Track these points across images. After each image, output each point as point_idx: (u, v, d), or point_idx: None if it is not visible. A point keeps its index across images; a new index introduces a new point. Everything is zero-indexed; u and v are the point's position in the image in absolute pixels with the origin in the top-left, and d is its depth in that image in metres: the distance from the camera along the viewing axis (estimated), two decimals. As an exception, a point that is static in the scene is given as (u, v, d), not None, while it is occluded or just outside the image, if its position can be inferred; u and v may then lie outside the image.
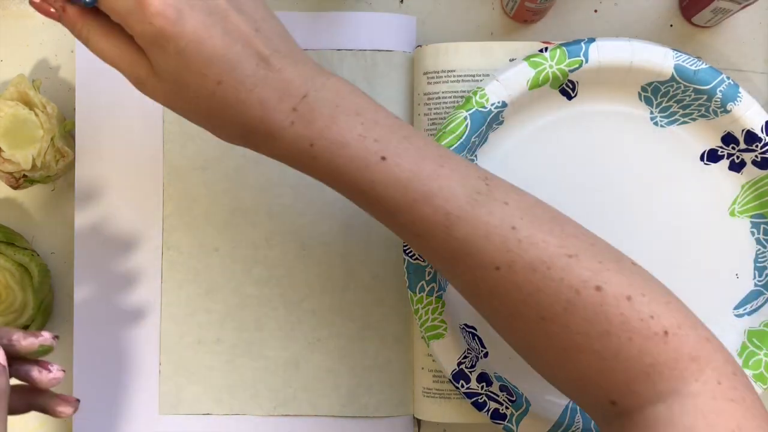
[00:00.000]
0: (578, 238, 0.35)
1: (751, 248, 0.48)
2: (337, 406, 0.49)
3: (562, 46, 0.45)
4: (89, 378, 0.49)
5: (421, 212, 0.34)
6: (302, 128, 0.34)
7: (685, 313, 0.34)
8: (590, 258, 0.34)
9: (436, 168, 0.35)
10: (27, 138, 0.46)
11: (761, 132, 0.46)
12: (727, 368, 0.33)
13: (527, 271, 0.34)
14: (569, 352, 0.34)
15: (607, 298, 0.33)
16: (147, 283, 0.50)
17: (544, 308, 0.34)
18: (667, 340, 0.33)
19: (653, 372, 0.33)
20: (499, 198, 0.35)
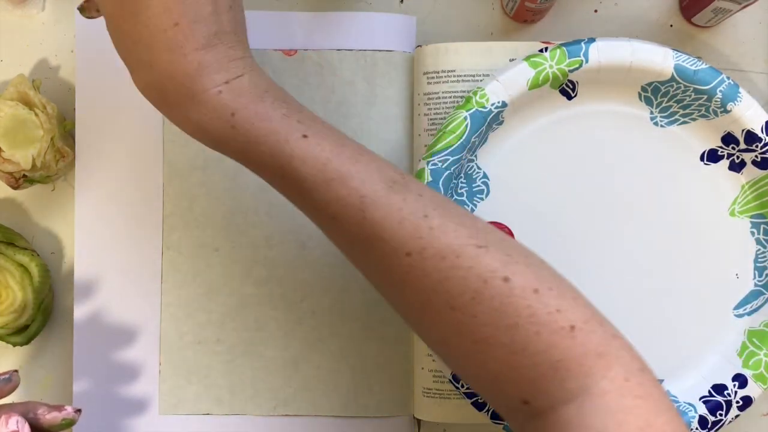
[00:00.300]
0: (489, 233, 0.35)
1: (751, 248, 0.48)
2: (337, 406, 0.49)
3: (562, 46, 0.45)
4: (89, 378, 0.49)
5: (336, 192, 0.35)
6: (228, 99, 0.35)
7: (592, 310, 0.34)
8: (499, 250, 0.34)
9: (355, 155, 0.35)
10: (27, 138, 0.46)
11: (761, 132, 0.46)
12: (633, 365, 0.34)
13: (437, 258, 0.34)
14: (479, 345, 0.34)
15: (514, 289, 0.33)
16: (147, 283, 0.50)
17: (453, 297, 0.34)
18: (574, 335, 0.33)
19: (561, 368, 0.33)
20: (414, 190, 0.35)
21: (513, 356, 0.33)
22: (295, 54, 0.50)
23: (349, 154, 0.35)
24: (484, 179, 0.48)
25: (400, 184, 0.35)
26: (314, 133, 0.35)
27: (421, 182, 0.37)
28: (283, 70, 0.50)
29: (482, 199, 0.48)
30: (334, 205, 0.35)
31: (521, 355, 0.33)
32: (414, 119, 0.50)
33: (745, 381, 0.46)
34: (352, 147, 0.36)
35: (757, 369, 0.46)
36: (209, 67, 0.35)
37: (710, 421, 0.46)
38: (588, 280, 0.47)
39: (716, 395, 0.46)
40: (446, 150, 0.45)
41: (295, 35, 0.50)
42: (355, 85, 0.50)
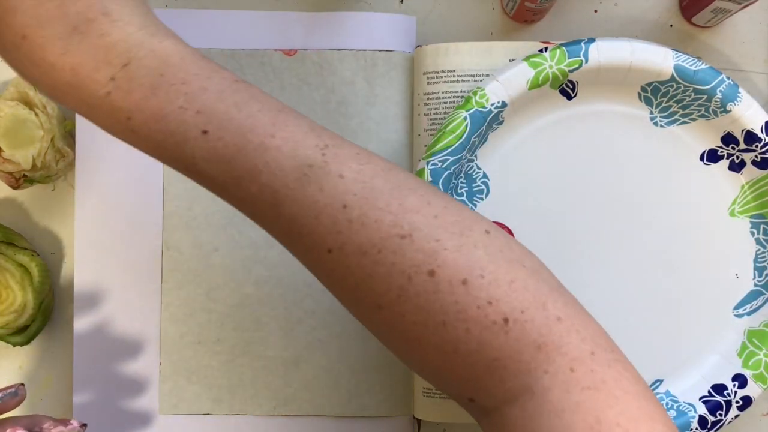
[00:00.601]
0: (419, 212, 0.31)
1: (750, 248, 0.48)
2: (337, 406, 0.50)
3: (561, 46, 0.45)
4: (89, 378, 0.49)
5: (248, 190, 0.31)
6: (119, 99, 0.31)
7: (534, 291, 0.31)
8: (426, 237, 0.31)
9: (264, 139, 0.31)
10: (27, 138, 0.46)
11: (761, 132, 0.46)
12: (582, 348, 0.30)
13: (358, 254, 0.31)
14: (411, 344, 0.32)
15: (440, 284, 0.30)
16: (147, 283, 0.50)
17: (379, 295, 0.31)
18: (508, 329, 0.30)
19: (498, 367, 0.30)
20: (334, 170, 0.31)
21: (446, 356, 0.31)
22: (295, 54, 0.50)
23: (256, 142, 0.31)
24: (484, 179, 0.48)
25: (317, 168, 0.31)
26: (215, 124, 0.31)
27: (350, 148, 0.33)
28: (283, 70, 0.50)
29: (482, 199, 0.48)
30: (248, 202, 0.32)
31: (453, 356, 0.31)
32: (414, 119, 0.50)
33: (744, 381, 0.46)
34: (263, 125, 0.31)
35: (756, 369, 0.46)
36: (83, 68, 0.31)
37: (710, 421, 0.46)
38: (587, 280, 0.48)
39: (716, 395, 0.46)
40: (446, 150, 0.45)
41: (295, 35, 0.50)
42: (355, 85, 0.50)
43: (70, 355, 0.50)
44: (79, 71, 0.31)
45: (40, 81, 0.32)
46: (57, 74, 0.31)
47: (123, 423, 0.50)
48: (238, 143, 0.31)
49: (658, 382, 0.48)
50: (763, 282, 0.47)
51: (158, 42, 0.32)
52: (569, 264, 0.37)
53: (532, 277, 0.31)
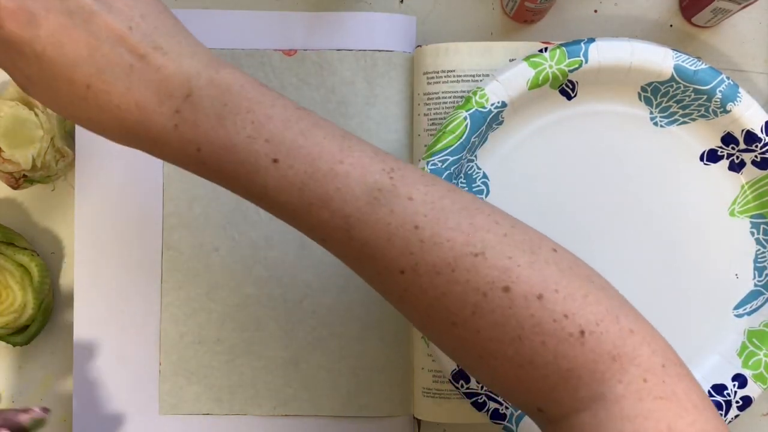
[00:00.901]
0: (489, 231, 0.32)
1: (750, 248, 0.48)
2: (337, 406, 0.49)
3: (561, 47, 0.45)
4: (89, 378, 0.49)
5: (319, 217, 0.32)
6: (187, 131, 0.32)
7: (607, 305, 0.32)
8: (499, 254, 0.31)
9: (334, 165, 0.32)
10: (27, 138, 0.46)
11: (761, 132, 0.46)
12: (654, 361, 0.31)
13: (432, 274, 0.31)
14: (484, 359, 0.32)
15: (516, 299, 0.31)
16: (147, 283, 0.50)
17: (453, 313, 0.32)
18: (584, 340, 0.31)
19: (572, 377, 0.31)
20: (403, 193, 0.32)
21: (520, 369, 0.32)
22: (295, 54, 0.50)
23: (326, 169, 0.32)
24: (483, 179, 0.48)
25: (387, 192, 0.32)
26: (285, 153, 0.32)
27: (415, 172, 0.34)
28: (283, 70, 0.50)
29: (482, 199, 0.48)
30: (320, 228, 0.33)
31: (528, 368, 0.31)
32: (414, 119, 0.50)
33: (744, 381, 0.46)
34: (330, 152, 0.32)
35: (756, 369, 0.46)
36: (148, 103, 0.32)
37: (710, 421, 0.46)
38: (588, 280, 0.47)
39: (716, 395, 0.46)
40: (446, 150, 0.45)
41: (295, 35, 0.50)
42: (355, 85, 0.50)
43: (70, 355, 0.50)
44: (144, 107, 0.32)
45: (109, 127, 0.33)
46: (124, 114, 0.32)
47: (123, 423, 0.50)
48: (308, 171, 0.32)
49: (658, 382, 0.47)
50: (763, 282, 0.47)
51: (215, 72, 0.32)
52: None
53: (602, 291, 0.32)
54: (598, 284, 0.33)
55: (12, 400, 0.51)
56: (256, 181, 0.32)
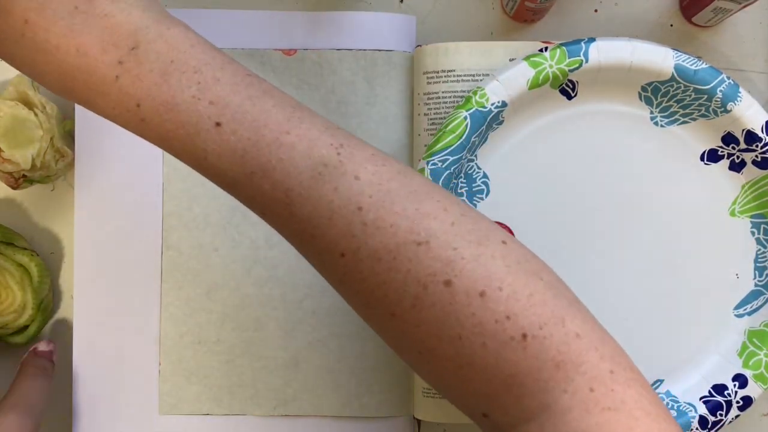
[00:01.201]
0: (436, 219, 0.30)
1: (751, 248, 0.48)
2: (337, 406, 0.49)
3: (562, 46, 0.45)
4: (89, 378, 0.49)
5: (260, 187, 0.30)
6: (128, 85, 0.30)
7: (552, 306, 0.30)
8: (443, 244, 0.29)
9: (279, 135, 0.30)
10: (26, 138, 0.46)
11: (761, 132, 0.46)
12: (601, 367, 0.29)
13: (372, 260, 0.29)
14: (424, 356, 0.30)
15: (457, 295, 0.29)
16: (147, 283, 0.50)
17: (393, 303, 0.30)
18: (526, 344, 0.29)
19: (515, 384, 0.29)
20: (350, 171, 0.30)
21: (461, 370, 0.30)
22: (295, 54, 0.50)
23: (271, 137, 0.30)
24: (484, 179, 0.48)
25: (333, 167, 0.30)
26: (229, 117, 0.30)
27: (366, 149, 0.32)
28: (283, 70, 0.50)
29: (482, 198, 0.48)
30: (260, 199, 0.31)
31: (468, 370, 0.29)
32: (414, 119, 0.50)
33: (745, 381, 0.46)
34: (278, 122, 0.30)
35: (757, 369, 0.46)
36: (90, 49, 0.30)
37: (710, 421, 0.46)
38: (587, 280, 0.47)
39: (716, 395, 0.46)
40: (446, 150, 0.45)
41: (295, 35, 0.50)
42: (355, 85, 0.50)
43: (69, 356, 0.50)
44: (85, 53, 0.30)
45: (46, 70, 0.31)
46: (62, 57, 0.30)
47: (123, 423, 0.50)
48: (252, 138, 0.30)
49: (659, 382, 0.47)
50: (764, 282, 0.47)
51: (166, 28, 0.31)
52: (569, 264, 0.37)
53: (550, 290, 0.30)
54: (546, 282, 0.30)
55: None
56: (197, 144, 0.30)
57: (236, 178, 0.31)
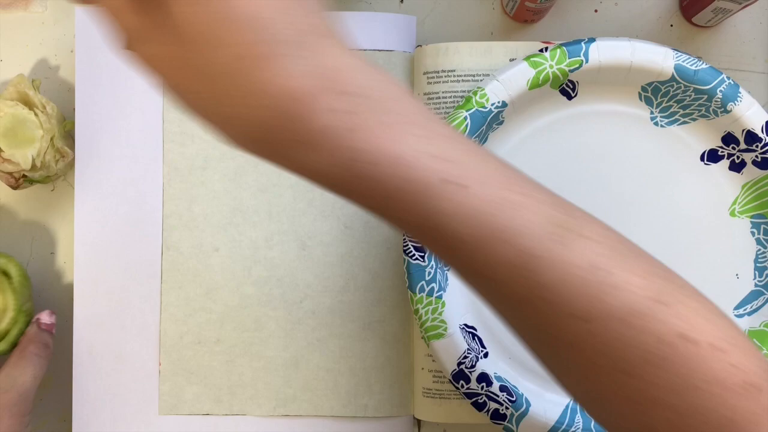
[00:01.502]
0: (660, 276, 0.30)
1: (751, 248, 0.48)
2: (337, 406, 0.49)
3: (562, 46, 0.45)
4: (89, 378, 0.49)
5: (496, 253, 0.28)
6: (343, 134, 0.26)
7: (759, 357, 0.31)
8: (675, 301, 0.30)
9: (513, 196, 0.28)
10: (26, 138, 0.46)
11: (761, 132, 0.46)
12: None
13: (610, 319, 0.29)
14: (642, 406, 0.30)
15: (692, 347, 0.29)
16: (147, 283, 0.50)
17: (625, 360, 0.30)
18: (760, 395, 0.29)
19: (732, 426, 0.29)
20: (584, 231, 0.30)
21: (679, 418, 0.30)
22: (295, 54, 0.50)
23: (513, 198, 0.28)
24: (484, 179, 0.48)
25: (567, 229, 0.29)
26: (460, 173, 0.27)
27: (585, 213, 0.31)
28: (283, 70, 0.50)
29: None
30: (493, 266, 0.29)
31: (689, 417, 0.29)
32: (414, 119, 0.50)
33: (745, 381, 0.46)
34: (509, 182, 0.28)
35: (757, 369, 0.46)
36: (304, 93, 0.25)
37: (710, 421, 0.46)
38: (588, 280, 0.47)
39: (716, 395, 0.46)
40: (446, 150, 0.45)
41: (295, 35, 0.50)
42: (355, 85, 0.50)
43: (69, 356, 0.50)
44: (298, 96, 0.25)
45: (245, 111, 0.26)
46: (272, 100, 0.26)
47: (122, 423, 0.50)
48: (487, 198, 0.28)
49: (659, 382, 0.47)
50: (764, 282, 0.47)
51: (377, 72, 0.27)
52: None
53: (750, 341, 0.32)
54: (746, 336, 0.32)
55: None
56: (423, 203, 0.27)
57: (463, 240, 0.28)
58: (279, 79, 0.25)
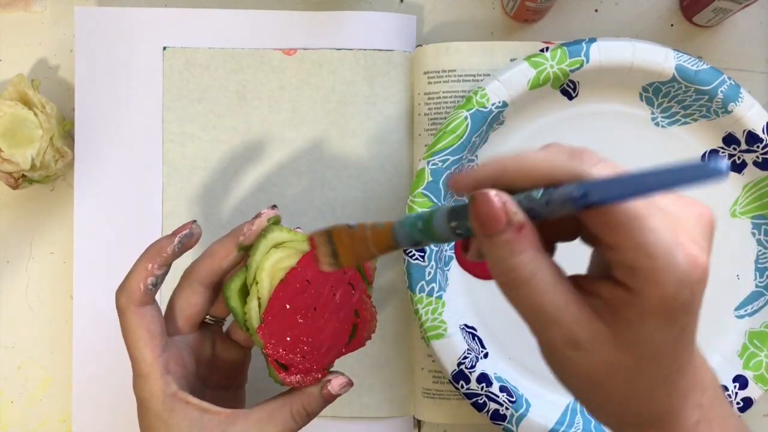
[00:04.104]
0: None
1: (752, 249, 0.48)
2: (338, 406, 0.49)
3: (562, 46, 0.45)
4: (89, 378, 0.49)
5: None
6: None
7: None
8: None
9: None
10: (26, 138, 0.46)
11: (762, 133, 0.46)
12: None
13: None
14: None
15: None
16: (146, 284, 0.50)
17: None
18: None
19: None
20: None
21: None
22: (295, 53, 0.50)
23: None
24: (484, 179, 0.48)
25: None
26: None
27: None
28: (283, 69, 0.50)
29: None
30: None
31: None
32: (414, 119, 0.50)
33: (745, 382, 0.46)
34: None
35: (757, 370, 0.46)
36: (687, 392, 0.28)
37: (711, 421, 0.46)
38: (588, 281, 0.47)
39: (717, 396, 0.46)
40: (447, 150, 0.45)
41: (295, 35, 0.50)
42: (355, 85, 0.50)
43: (69, 356, 0.50)
44: (680, 396, 0.29)
45: (636, 413, 0.29)
46: (661, 400, 0.28)
47: (122, 423, 0.50)
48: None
49: (659, 382, 0.47)
50: (765, 283, 0.47)
51: (708, 370, 0.31)
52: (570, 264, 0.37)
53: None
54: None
55: (11, 400, 0.50)
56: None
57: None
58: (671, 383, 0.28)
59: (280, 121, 0.50)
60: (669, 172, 0.22)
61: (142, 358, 0.36)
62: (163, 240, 0.38)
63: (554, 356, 0.28)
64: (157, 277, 0.37)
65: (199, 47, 0.50)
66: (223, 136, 0.50)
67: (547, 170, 0.27)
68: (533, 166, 0.27)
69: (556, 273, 0.27)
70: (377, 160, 0.49)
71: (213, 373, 0.40)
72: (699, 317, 0.28)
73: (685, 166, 0.22)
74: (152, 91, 0.50)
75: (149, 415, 0.36)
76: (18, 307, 0.51)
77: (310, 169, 0.50)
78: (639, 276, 0.26)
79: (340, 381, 0.37)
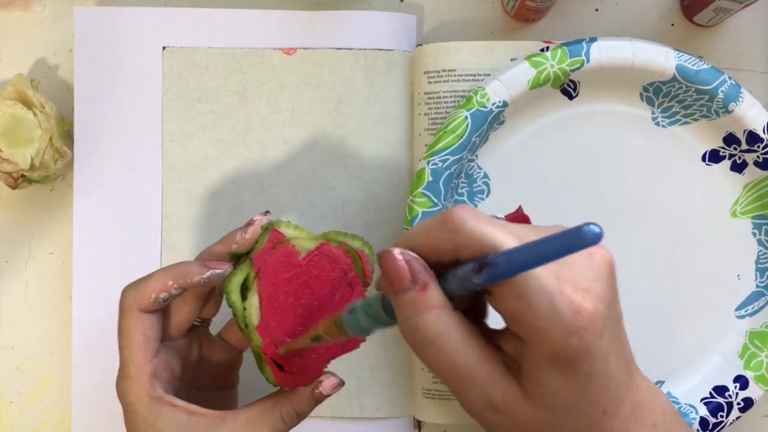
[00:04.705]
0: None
1: (752, 249, 0.48)
2: (337, 406, 0.49)
3: (563, 46, 0.45)
4: (89, 378, 0.49)
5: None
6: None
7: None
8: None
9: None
10: (25, 138, 0.46)
11: (763, 132, 0.46)
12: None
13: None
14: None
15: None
16: (146, 284, 0.50)
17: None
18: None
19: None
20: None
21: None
22: (295, 53, 0.50)
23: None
24: (484, 179, 0.48)
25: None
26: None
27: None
28: (282, 69, 0.50)
29: (483, 198, 0.48)
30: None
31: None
32: (414, 119, 0.50)
33: (746, 382, 0.46)
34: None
35: (758, 370, 0.46)
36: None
37: (711, 422, 0.46)
38: (589, 281, 0.47)
39: (717, 396, 0.46)
40: (447, 150, 0.45)
41: (294, 35, 0.50)
42: (355, 85, 0.50)
43: (69, 356, 0.50)
44: None
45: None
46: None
47: (122, 423, 0.49)
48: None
49: (660, 383, 0.47)
50: (765, 283, 0.47)
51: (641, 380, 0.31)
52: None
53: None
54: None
55: (11, 400, 0.50)
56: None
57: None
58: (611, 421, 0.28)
59: (280, 120, 0.50)
60: (545, 243, 0.22)
61: (132, 360, 0.35)
62: (195, 267, 0.37)
63: (478, 418, 0.28)
64: (171, 295, 0.36)
65: (198, 47, 0.50)
66: (223, 135, 0.50)
67: (435, 251, 0.27)
68: (424, 244, 0.28)
69: (466, 331, 0.27)
70: (377, 160, 0.49)
71: (201, 375, 0.40)
72: (613, 358, 0.27)
73: (561, 235, 0.22)
74: (152, 90, 0.50)
75: (136, 420, 0.35)
76: (17, 307, 0.51)
77: (310, 169, 0.50)
78: (525, 326, 0.26)
79: (331, 382, 0.38)
